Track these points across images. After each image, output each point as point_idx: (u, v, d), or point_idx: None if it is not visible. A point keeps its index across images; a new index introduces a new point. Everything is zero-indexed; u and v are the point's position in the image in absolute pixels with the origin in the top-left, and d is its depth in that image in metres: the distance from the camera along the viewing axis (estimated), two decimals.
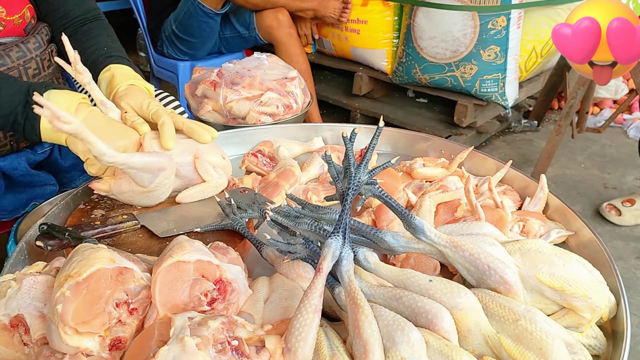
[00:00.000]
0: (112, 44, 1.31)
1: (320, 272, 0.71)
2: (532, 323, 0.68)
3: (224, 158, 1.12)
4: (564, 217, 1.07)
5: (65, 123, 0.86)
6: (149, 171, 1.00)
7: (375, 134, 0.83)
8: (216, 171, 1.08)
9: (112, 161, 0.95)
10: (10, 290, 0.75)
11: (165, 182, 1.03)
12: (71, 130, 0.89)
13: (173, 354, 0.62)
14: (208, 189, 1.08)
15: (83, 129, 0.90)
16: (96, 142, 0.93)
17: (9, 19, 1.28)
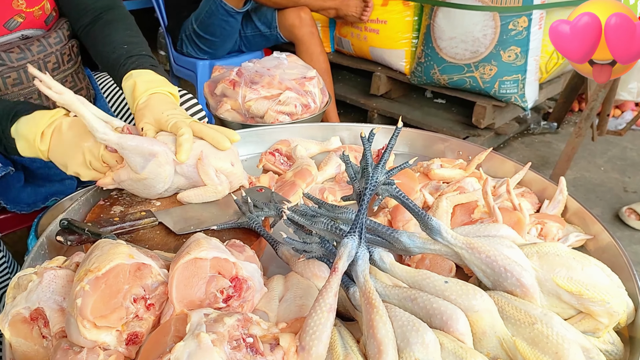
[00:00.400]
0: (131, 38, 1.30)
1: (336, 271, 0.71)
2: (548, 327, 0.68)
3: (232, 165, 1.09)
4: (583, 220, 1.05)
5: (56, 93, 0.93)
6: (140, 154, 1.00)
7: (394, 134, 0.83)
8: (218, 176, 1.07)
9: (105, 138, 0.98)
10: (31, 284, 0.76)
11: (159, 170, 1.02)
12: (61, 100, 0.95)
13: (189, 349, 0.63)
14: (207, 193, 1.07)
15: (74, 101, 0.95)
16: (90, 118, 0.96)
17: (28, 10, 1.30)
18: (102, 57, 1.29)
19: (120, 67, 1.22)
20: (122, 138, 0.99)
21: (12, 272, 1.31)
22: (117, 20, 1.35)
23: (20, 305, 0.74)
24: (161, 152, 1.01)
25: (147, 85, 1.14)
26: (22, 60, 1.27)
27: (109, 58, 1.26)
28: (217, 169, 1.06)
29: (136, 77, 1.16)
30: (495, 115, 2.88)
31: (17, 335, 0.74)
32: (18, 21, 1.29)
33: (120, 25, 1.33)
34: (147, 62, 1.23)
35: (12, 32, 1.29)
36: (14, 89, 1.28)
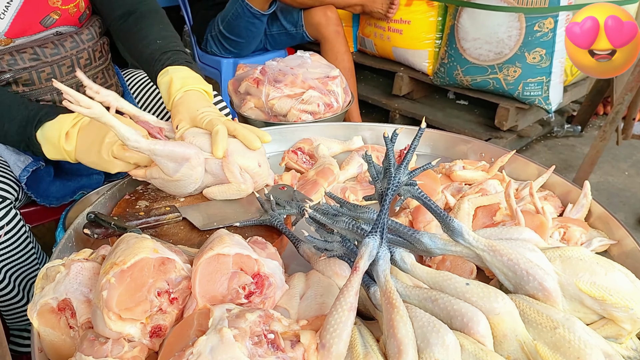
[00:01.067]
0: (164, 32, 1.31)
1: (357, 270, 0.72)
2: (570, 332, 0.67)
3: (259, 165, 1.10)
4: (607, 225, 1.04)
5: (84, 107, 0.94)
6: (173, 160, 1.02)
7: (417, 135, 0.83)
8: (242, 175, 1.07)
9: (137, 146, 0.99)
10: (59, 275, 0.78)
11: (191, 173, 1.04)
12: (91, 115, 0.95)
13: (211, 344, 0.64)
14: (230, 191, 1.08)
15: (104, 114, 0.95)
16: (120, 127, 0.97)
17: (64, 8, 1.32)
18: (136, 52, 1.31)
19: (155, 62, 1.23)
20: (153, 144, 1.00)
21: (40, 262, 1.34)
22: (149, 14, 1.36)
23: (48, 295, 0.76)
24: (193, 156, 1.02)
25: (183, 82, 1.16)
26: (55, 55, 1.30)
27: (143, 53, 1.28)
28: (243, 167, 1.07)
29: (172, 74, 1.18)
30: (518, 118, 2.86)
31: (45, 324, 0.76)
32: (54, 18, 1.31)
33: (152, 20, 1.35)
34: (182, 58, 1.24)
35: (48, 29, 1.32)
36: (47, 83, 1.30)
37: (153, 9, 1.39)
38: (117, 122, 0.97)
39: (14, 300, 1.32)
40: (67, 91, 0.92)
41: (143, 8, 1.37)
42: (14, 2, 1.25)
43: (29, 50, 1.27)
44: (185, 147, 1.02)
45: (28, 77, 1.27)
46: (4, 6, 1.23)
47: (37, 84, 1.29)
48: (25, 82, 1.27)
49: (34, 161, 1.26)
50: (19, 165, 1.25)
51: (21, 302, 1.34)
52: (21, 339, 1.50)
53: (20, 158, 1.26)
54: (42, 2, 1.29)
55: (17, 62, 1.25)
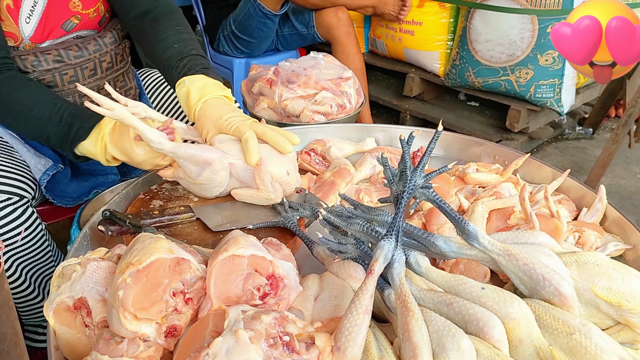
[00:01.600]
0: (181, 35, 1.29)
1: (372, 273, 0.72)
2: (587, 337, 0.67)
3: (288, 174, 1.08)
4: (622, 229, 1.04)
5: (107, 109, 0.96)
6: (195, 163, 1.02)
7: (433, 138, 0.83)
8: (273, 185, 1.05)
9: (160, 148, 1.00)
10: (75, 274, 0.79)
11: (214, 177, 1.04)
12: (113, 116, 0.97)
13: (227, 345, 0.64)
14: (259, 197, 1.06)
15: (126, 116, 0.97)
16: (144, 129, 0.99)
17: (84, 12, 1.33)
18: (153, 55, 1.30)
19: (172, 70, 1.21)
20: (176, 147, 1.00)
21: (56, 260, 1.36)
22: (166, 15, 1.34)
23: (64, 294, 0.77)
24: (216, 160, 1.02)
25: (201, 91, 1.13)
26: (79, 58, 1.31)
27: (160, 58, 1.26)
28: (273, 176, 1.05)
29: (189, 85, 1.15)
30: (529, 120, 2.84)
31: (61, 323, 0.77)
32: (74, 22, 1.33)
33: (169, 21, 1.33)
34: (199, 64, 1.21)
35: (68, 33, 1.33)
36: (70, 86, 1.32)
37: (170, 9, 1.36)
38: (140, 124, 0.97)
39: (30, 297, 1.33)
40: (90, 94, 0.94)
41: (159, 9, 1.35)
42: (37, 7, 1.26)
43: (53, 52, 1.28)
44: (208, 151, 1.03)
45: (51, 78, 1.29)
46: (29, 10, 1.25)
47: (59, 86, 1.30)
48: (49, 84, 1.29)
49: (53, 165, 1.28)
50: (39, 168, 1.27)
51: (37, 298, 1.35)
52: (36, 334, 1.51)
53: (40, 161, 1.28)
54: (63, 7, 1.30)
55: (41, 64, 1.27)
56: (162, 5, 1.37)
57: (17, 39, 1.25)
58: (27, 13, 1.25)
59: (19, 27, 1.25)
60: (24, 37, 1.26)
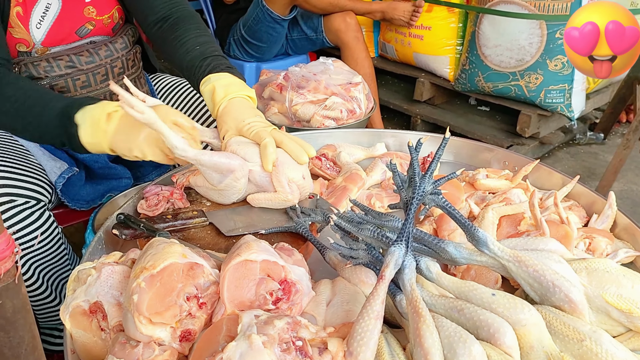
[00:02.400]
0: (202, 38, 1.31)
1: (383, 279, 0.72)
2: (597, 344, 0.67)
3: (304, 178, 1.10)
4: (633, 236, 1.04)
5: (138, 112, 0.95)
6: (218, 171, 1.03)
7: (441, 144, 0.83)
8: (290, 186, 1.07)
9: (184, 155, 1.01)
10: (90, 278, 0.80)
11: (235, 184, 1.05)
12: (143, 119, 0.97)
13: (241, 350, 0.65)
14: (276, 200, 1.08)
15: (156, 120, 0.97)
16: (170, 135, 0.99)
17: (98, 18, 1.35)
18: (176, 59, 1.31)
19: (196, 69, 1.23)
20: (199, 155, 1.01)
21: (72, 263, 1.37)
22: (184, 20, 1.36)
23: (80, 298, 0.78)
24: (238, 168, 1.03)
25: (226, 89, 1.15)
26: (90, 63, 1.33)
27: (183, 60, 1.27)
28: (290, 178, 1.07)
29: (215, 82, 1.17)
30: (540, 125, 2.83)
31: (77, 326, 0.78)
32: (89, 28, 1.35)
33: (189, 24, 1.34)
34: (223, 63, 1.23)
35: (82, 38, 1.35)
36: (82, 91, 1.34)
37: (188, 14, 1.38)
38: (167, 130, 0.98)
39: (47, 300, 1.35)
40: (123, 95, 0.94)
41: (178, 13, 1.37)
42: (50, 12, 1.28)
43: (65, 58, 1.30)
44: (231, 159, 1.03)
45: (64, 84, 1.31)
46: (40, 16, 1.27)
47: (72, 91, 1.33)
48: (61, 90, 1.31)
49: (69, 168, 1.29)
50: (55, 171, 1.28)
51: (54, 302, 1.36)
52: (52, 337, 1.53)
53: (56, 165, 1.30)
54: (77, 13, 1.32)
55: (54, 69, 1.29)
56: (181, 10, 1.39)
57: (28, 44, 1.28)
58: (37, 19, 1.27)
59: (29, 33, 1.27)
60: (36, 42, 1.28)
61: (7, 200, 1.17)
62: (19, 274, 0.56)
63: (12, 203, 1.17)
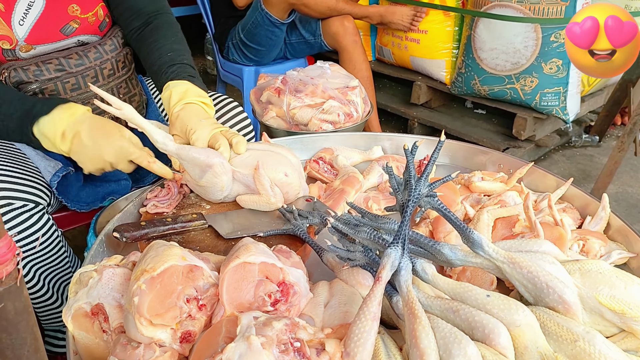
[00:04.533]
0: (176, 45, 1.35)
1: (380, 280, 0.73)
2: (591, 345, 0.68)
3: (286, 175, 1.12)
4: (626, 238, 1.05)
5: (116, 108, 1.01)
6: (198, 166, 1.05)
7: (437, 147, 0.85)
8: (273, 189, 1.09)
9: (165, 149, 1.05)
10: (91, 281, 0.81)
11: (215, 180, 1.07)
12: (122, 115, 1.02)
13: (240, 351, 0.66)
14: (261, 202, 1.10)
15: (134, 117, 1.02)
16: (151, 130, 1.03)
17: (83, 16, 1.36)
18: (149, 63, 1.36)
19: (161, 75, 1.28)
20: (180, 149, 1.04)
21: (73, 265, 1.38)
22: (164, 26, 1.40)
23: (81, 300, 0.79)
24: (217, 164, 1.05)
25: (181, 96, 1.19)
26: (80, 66, 1.34)
27: (153, 65, 1.32)
28: (271, 179, 1.09)
29: (172, 88, 1.21)
30: (536, 127, 2.85)
31: (79, 328, 0.79)
32: (74, 27, 1.35)
33: (167, 32, 1.39)
34: (185, 71, 1.27)
35: (69, 37, 1.36)
36: (72, 93, 1.34)
37: (168, 21, 1.42)
38: (148, 124, 1.02)
39: (49, 302, 1.36)
40: (100, 93, 0.98)
41: (159, 20, 1.41)
42: (33, 9, 1.28)
43: (54, 61, 1.30)
44: (209, 155, 1.05)
45: (54, 87, 1.31)
46: (23, 13, 1.27)
47: (62, 94, 1.33)
48: (51, 93, 1.31)
49: (63, 166, 1.30)
50: (49, 170, 1.29)
51: (55, 303, 1.37)
52: (55, 339, 1.53)
53: (50, 164, 1.30)
54: (61, 11, 1.33)
55: (43, 73, 1.29)
56: (162, 16, 1.43)
57: (11, 41, 1.28)
58: (20, 15, 1.27)
59: (12, 29, 1.27)
60: (19, 39, 1.28)
61: (5, 204, 1.18)
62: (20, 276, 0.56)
63: (10, 206, 1.18)
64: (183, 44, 1.39)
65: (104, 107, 0.99)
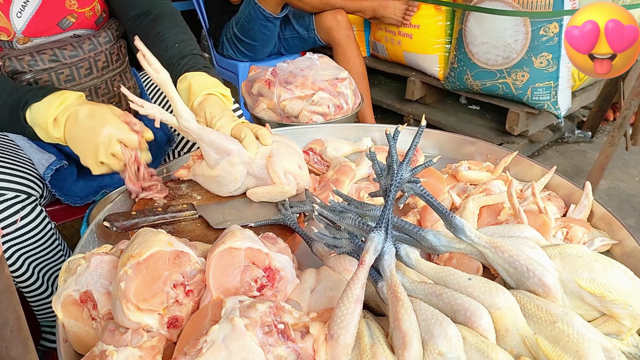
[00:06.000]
0: (182, 36, 1.35)
1: (363, 264, 0.74)
2: (569, 326, 0.69)
3: (300, 168, 1.12)
4: (609, 226, 1.06)
5: (154, 71, 0.99)
6: (216, 150, 1.05)
7: (417, 133, 0.85)
8: (286, 177, 1.09)
9: (187, 126, 1.03)
10: (79, 268, 0.82)
11: (231, 169, 1.07)
12: (157, 80, 1.00)
13: (224, 332, 0.67)
14: (274, 192, 1.10)
15: (168, 84, 1.01)
16: (179, 104, 1.02)
17: (80, 11, 1.37)
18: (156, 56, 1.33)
19: (174, 67, 1.28)
20: (202, 129, 1.04)
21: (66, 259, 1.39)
22: (165, 16, 1.40)
23: (70, 287, 0.80)
24: (235, 152, 1.06)
25: (201, 86, 1.20)
26: (74, 57, 1.34)
27: (161, 57, 1.30)
28: (285, 169, 1.09)
29: (191, 79, 1.22)
30: (528, 123, 2.87)
31: (69, 316, 0.80)
32: (70, 21, 1.36)
33: (169, 22, 1.38)
34: (200, 63, 1.28)
35: (65, 31, 1.37)
36: (66, 85, 1.35)
37: (169, 10, 1.42)
38: (177, 98, 1.01)
39: (44, 296, 1.37)
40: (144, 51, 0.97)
41: (159, 9, 1.41)
42: (31, 3, 1.29)
43: (48, 52, 1.31)
44: (230, 141, 1.06)
45: (48, 78, 1.32)
46: (21, 5, 1.28)
47: (56, 85, 1.33)
48: (45, 84, 1.32)
49: (57, 159, 1.30)
50: (42, 163, 1.30)
51: (50, 297, 1.38)
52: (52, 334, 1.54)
53: (44, 156, 1.31)
54: (59, 5, 1.34)
55: (37, 63, 1.30)
56: (162, 6, 1.42)
57: (9, 33, 1.29)
58: (18, 8, 1.28)
59: (10, 21, 1.27)
60: (17, 32, 1.29)
61: None
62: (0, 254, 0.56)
63: (1, 197, 1.19)
64: (188, 32, 1.39)
65: (144, 64, 0.98)
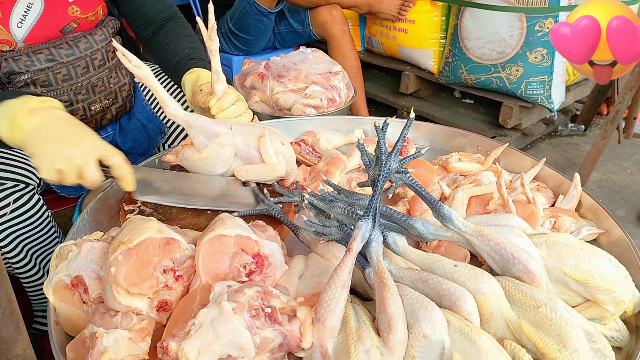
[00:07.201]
0: (192, 44, 1.41)
1: (350, 251, 0.76)
2: (552, 311, 0.71)
3: (283, 144, 1.13)
4: (596, 215, 1.08)
5: (135, 66, 1.00)
6: (204, 133, 1.07)
7: (406, 124, 0.87)
8: (277, 156, 1.10)
9: (174, 114, 1.05)
10: (71, 254, 0.83)
11: (220, 151, 1.08)
12: (138, 74, 1.01)
13: (211, 315, 0.69)
14: (265, 170, 1.11)
15: (149, 77, 1.01)
16: (163, 94, 1.03)
17: (82, 16, 1.37)
18: (165, 60, 1.41)
19: (182, 66, 1.33)
20: (189, 116, 1.05)
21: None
22: (178, 28, 1.46)
23: (62, 272, 0.81)
24: (224, 133, 1.07)
25: (208, 78, 1.24)
26: (70, 56, 1.34)
27: (171, 61, 1.37)
28: (277, 150, 1.10)
29: (199, 72, 1.28)
30: (522, 116, 2.88)
31: (60, 300, 0.81)
32: (73, 27, 1.36)
33: (181, 33, 1.45)
34: (208, 65, 1.32)
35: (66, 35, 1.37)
36: (63, 84, 1.35)
37: (182, 24, 1.48)
38: (161, 88, 1.03)
39: (40, 282, 1.38)
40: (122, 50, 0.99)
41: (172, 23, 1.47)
42: (31, 12, 1.29)
43: (44, 52, 1.31)
44: (217, 124, 1.08)
45: (45, 78, 1.31)
46: (21, 16, 1.28)
47: (54, 84, 1.33)
48: (43, 84, 1.32)
49: None
50: None
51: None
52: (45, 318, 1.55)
53: None
54: (61, 13, 1.33)
55: (34, 63, 1.29)
56: (176, 20, 1.48)
57: (10, 44, 1.28)
58: (18, 19, 1.28)
59: (10, 32, 1.27)
60: (18, 41, 1.29)
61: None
62: None
63: (1, 186, 1.21)
64: (198, 43, 1.43)
65: (124, 62, 0.99)
